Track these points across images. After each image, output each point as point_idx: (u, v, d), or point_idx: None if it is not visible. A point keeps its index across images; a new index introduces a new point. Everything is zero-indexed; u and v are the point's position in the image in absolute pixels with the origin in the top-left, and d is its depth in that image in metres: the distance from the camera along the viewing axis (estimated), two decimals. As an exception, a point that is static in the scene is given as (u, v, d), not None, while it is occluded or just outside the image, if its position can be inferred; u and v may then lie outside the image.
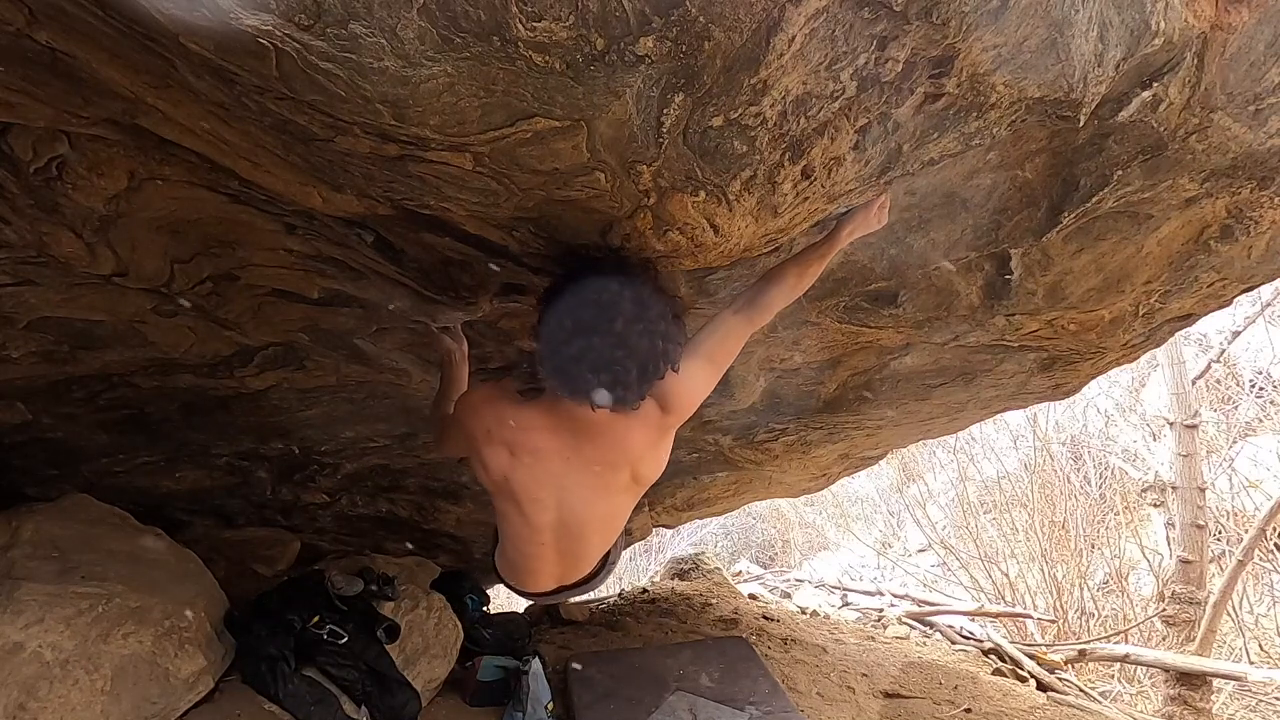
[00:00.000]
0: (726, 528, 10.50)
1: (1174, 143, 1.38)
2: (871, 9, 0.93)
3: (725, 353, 1.32)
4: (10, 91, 1.04)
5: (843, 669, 3.35)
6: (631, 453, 1.28)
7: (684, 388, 1.26)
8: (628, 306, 1.11)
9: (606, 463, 1.29)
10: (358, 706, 2.26)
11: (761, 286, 1.34)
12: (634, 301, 1.12)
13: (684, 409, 1.28)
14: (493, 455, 1.30)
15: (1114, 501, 6.65)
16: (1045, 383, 2.50)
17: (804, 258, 1.37)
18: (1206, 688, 4.18)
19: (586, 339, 1.10)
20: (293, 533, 3.35)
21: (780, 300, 1.34)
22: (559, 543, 1.37)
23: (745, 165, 1.08)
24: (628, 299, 1.12)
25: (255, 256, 1.55)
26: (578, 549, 1.39)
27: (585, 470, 1.29)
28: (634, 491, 1.36)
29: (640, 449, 1.29)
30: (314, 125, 0.94)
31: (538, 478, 1.30)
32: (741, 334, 1.33)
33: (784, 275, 1.34)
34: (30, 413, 2.04)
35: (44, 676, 1.69)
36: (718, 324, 1.33)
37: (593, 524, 1.37)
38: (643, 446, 1.29)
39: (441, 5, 0.78)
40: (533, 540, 1.37)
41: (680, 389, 1.26)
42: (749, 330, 1.33)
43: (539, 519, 1.34)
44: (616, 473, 1.30)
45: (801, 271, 1.35)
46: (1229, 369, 6.99)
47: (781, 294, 1.34)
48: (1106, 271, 1.81)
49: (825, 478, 3.77)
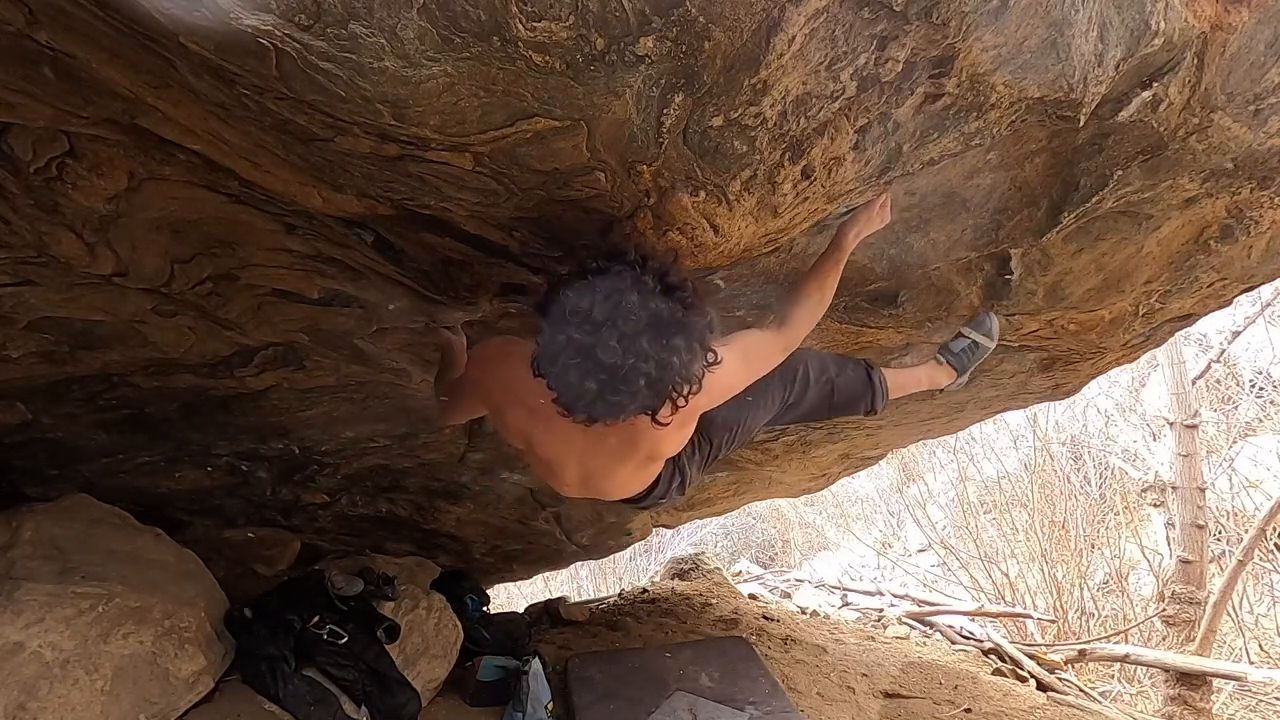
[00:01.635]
0: (726, 528, 10.50)
1: (1174, 143, 1.39)
2: (871, 9, 0.93)
3: (759, 358, 1.32)
4: (10, 91, 1.04)
5: (843, 669, 3.35)
6: (649, 434, 1.25)
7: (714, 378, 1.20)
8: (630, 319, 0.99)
9: (622, 438, 1.28)
10: (358, 706, 2.26)
11: (788, 306, 1.36)
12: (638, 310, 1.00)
13: (710, 398, 1.27)
14: (513, 415, 1.32)
15: (1114, 501, 6.65)
16: (1045, 383, 2.50)
17: (819, 270, 1.38)
18: (1206, 688, 4.18)
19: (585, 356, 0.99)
20: (293, 533, 3.35)
21: (808, 315, 1.35)
22: (585, 490, 1.42)
23: (745, 165, 1.08)
24: (633, 307, 0.99)
25: (255, 256, 1.55)
26: (607, 496, 1.45)
27: (600, 444, 1.29)
28: (656, 462, 1.38)
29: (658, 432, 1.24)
30: (314, 125, 0.94)
31: (556, 445, 1.31)
32: (772, 347, 1.33)
33: (806, 291, 1.36)
34: (30, 413, 2.04)
35: (44, 676, 1.69)
36: (752, 331, 1.35)
37: (617, 487, 1.41)
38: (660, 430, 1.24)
39: (441, 5, 0.78)
40: (563, 490, 1.44)
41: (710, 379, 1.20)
42: (780, 346, 1.34)
43: (565, 476, 1.38)
44: (634, 449, 1.30)
45: (821, 284, 1.36)
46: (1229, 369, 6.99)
47: (807, 309, 1.35)
48: (1106, 271, 1.81)
49: (825, 478, 3.77)
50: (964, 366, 1.84)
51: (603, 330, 0.98)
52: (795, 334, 1.35)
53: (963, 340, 1.83)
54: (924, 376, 1.84)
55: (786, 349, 1.35)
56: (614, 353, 0.98)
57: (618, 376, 0.99)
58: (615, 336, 0.98)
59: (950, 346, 1.85)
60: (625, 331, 0.98)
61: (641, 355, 0.99)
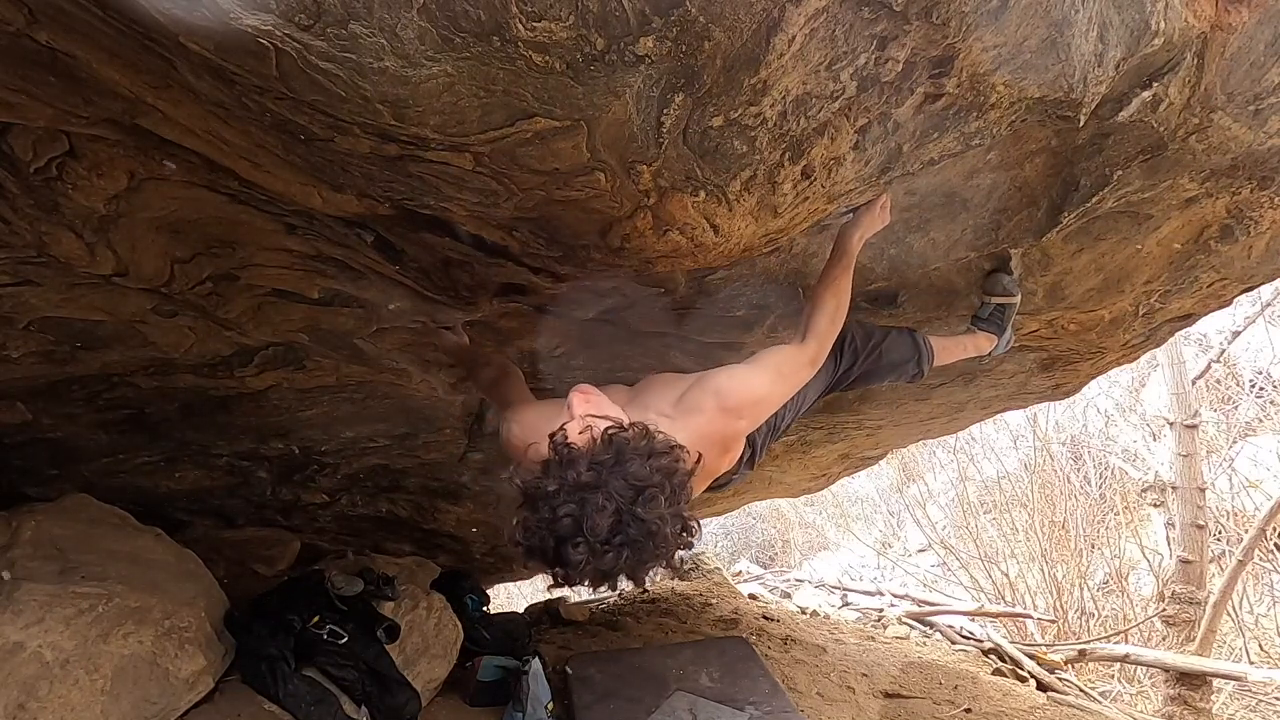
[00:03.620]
0: (726, 528, 10.50)
1: (1174, 143, 1.38)
2: (871, 9, 0.93)
3: (791, 373, 1.31)
4: (10, 91, 1.04)
5: (843, 669, 3.35)
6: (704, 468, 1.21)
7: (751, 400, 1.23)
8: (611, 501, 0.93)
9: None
10: (358, 706, 2.26)
11: (808, 318, 1.36)
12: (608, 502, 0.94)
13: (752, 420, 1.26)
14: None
15: (1114, 501, 6.65)
16: (1045, 383, 2.50)
17: (829, 277, 1.38)
18: (1206, 688, 4.18)
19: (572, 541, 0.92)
20: (293, 533, 3.35)
21: (830, 324, 1.35)
22: None
23: (745, 165, 1.08)
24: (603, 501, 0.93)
25: (255, 256, 1.55)
26: None
27: None
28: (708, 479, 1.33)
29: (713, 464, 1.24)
30: (314, 125, 0.94)
31: None
32: (800, 361, 1.32)
33: (822, 301, 1.36)
34: (30, 413, 2.04)
35: (44, 676, 1.69)
36: (781, 348, 1.34)
37: None
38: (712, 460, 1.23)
39: (441, 5, 0.78)
40: None
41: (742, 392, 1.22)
42: (807, 358, 1.33)
43: None
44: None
45: (835, 291, 1.37)
46: (1229, 369, 6.99)
47: (828, 318, 1.35)
48: (1106, 271, 1.81)
49: (825, 478, 3.77)
50: (1001, 327, 1.84)
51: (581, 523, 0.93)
52: (822, 345, 1.35)
53: (987, 306, 1.84)
54: (968, 344, 1.84)
55: (815, 361, 1.34)
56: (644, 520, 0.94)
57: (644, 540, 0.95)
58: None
59: (979, 314, 1.86)
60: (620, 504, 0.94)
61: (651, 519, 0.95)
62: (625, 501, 0.93)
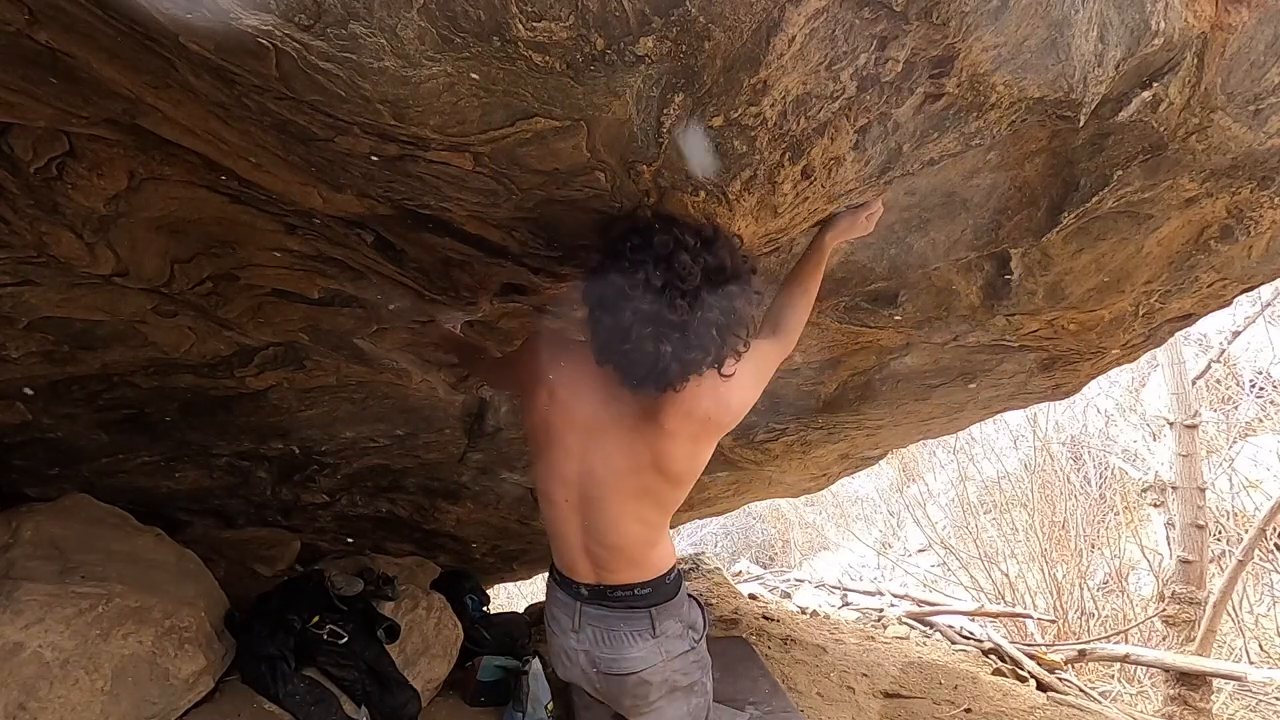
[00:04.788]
0: (726, 528, 10.50)
1: (1174, 143, 1.38)
2: (871, 9, 0.93)
3: (763, 369, 1.33)
4: (10, 91, 1.04)
5: (843, 669, 3.35)
6: (663, 428, 1.25)
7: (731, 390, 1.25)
8: (687, 276, 1.06)
9: (637, 427, 1.27)
10: (358, 706, 2.26)
11: (776, 313, 1.38)
12: (691, 266, 1.07)
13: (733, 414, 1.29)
14: (536, 397, 1.34)
15: (1114, 501, 6.65)
16: (1045, 383, 2.50)
17: (800, 273, 1.40)
18: (1206, 688, 4.18)
19: (656, 323, 1.06)
20: (293, 533, 3.35)
21: (796, 319, 1.38)
22: (581, 505, 1.34)
23: (745, 165, 1.08)
24: (686, 265, 1.07)
25: (255, 256, 1.55)
26: (600, 522, 1.34)
27: (617, 423, 1.28)
28: (657, 488, 1.32)
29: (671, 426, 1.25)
30: (314, 125, 0.94)
31: (570, 417, 1.31)
32: (770, 356, 1.34)
33: (790, 296, 1.38)
34: (30, 413, 2.04)
35: (44, 676, 1.69)
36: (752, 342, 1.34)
37: (613, 493, 1.32)
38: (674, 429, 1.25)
39: (441, 5, 0.78)
40: (557, 497, 1.36)
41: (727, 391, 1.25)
42: (776, 353, 1.35)
43: (564, 466, 1.33)
44: (644, 442, 1.27)
45: (804, 287, 1.38)
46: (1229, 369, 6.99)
47: (796, 313, 1.37)
48: (1106, 271, 1.81)
49: (825, 478, 3.77)
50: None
51: (665, 293, 1.06)
52: (789, 339, 1.37)
53: None
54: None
55: (783, 354, 1.37)
56: (683, 310, 1.06)
57: (690, 331, 1.07)
58: (679, 295, 1.06)
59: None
60: (686, 289, 1.06)
61: (707, 306, 1.07)
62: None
